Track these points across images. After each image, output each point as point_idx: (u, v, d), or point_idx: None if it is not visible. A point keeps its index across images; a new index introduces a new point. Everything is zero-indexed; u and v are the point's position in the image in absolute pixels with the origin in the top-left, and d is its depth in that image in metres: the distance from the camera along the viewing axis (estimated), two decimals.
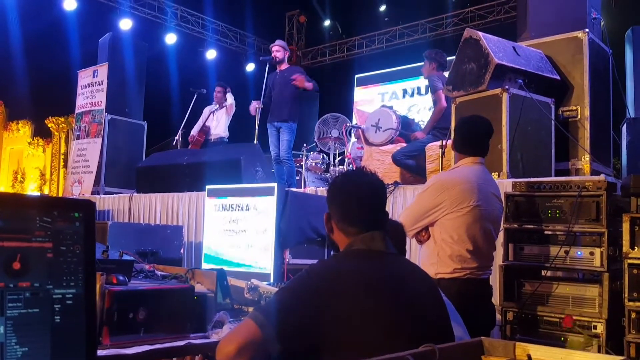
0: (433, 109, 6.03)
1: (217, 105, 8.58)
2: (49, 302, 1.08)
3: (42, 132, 12.74)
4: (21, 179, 12.74)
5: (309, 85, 7.10)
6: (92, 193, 8.03)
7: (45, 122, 12.38)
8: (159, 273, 2.66)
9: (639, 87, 5.79)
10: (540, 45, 5.00)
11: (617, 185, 3.37)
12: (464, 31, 4.87)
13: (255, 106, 7.44)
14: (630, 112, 5.52)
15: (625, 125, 5.26)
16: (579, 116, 4.77)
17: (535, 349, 1.30)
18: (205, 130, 8.47)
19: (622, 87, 5.35)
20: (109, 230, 4.93)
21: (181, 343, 1.95)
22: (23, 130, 12.97)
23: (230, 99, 8.55)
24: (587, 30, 4.79)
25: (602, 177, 3.47)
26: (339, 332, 1.58)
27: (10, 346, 1.00)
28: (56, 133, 12.41)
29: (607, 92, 5.16)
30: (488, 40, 4.57)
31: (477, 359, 1.33)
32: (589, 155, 4.65)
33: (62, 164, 12.07)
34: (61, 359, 1.07)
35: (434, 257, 2.94)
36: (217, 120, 8.55)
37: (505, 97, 4.40)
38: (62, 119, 12.14)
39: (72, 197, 5.12)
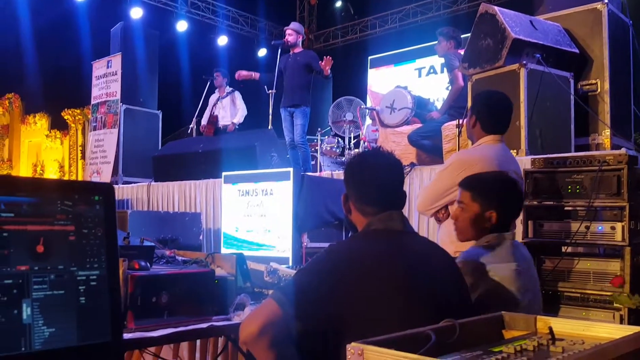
0: (450, 88, 5.95)
1: (219, 93, 8.54)
2: (73, 283, 1.10)
3: (59, 125, 12.83)
4: (40, 172, 12.89)
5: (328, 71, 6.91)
6: (111, 183, 8.10)
7: (62, 114, 12.46)
8: (179, 258, 2.68)
9: None
10: (558, 18, 4.90)
11: (638, 158, 3.31)
12: (479, 7, 4.79)
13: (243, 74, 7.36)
14: None
15: None
16: (599, 90, 4.69)
17: (556, 322, 1.29)
18: (212, 120, 8.42)
19: None
20: (129, 219, 5.00)
21: (204, 325, 1.97)
22: (40, 123, 13.08)
23: (240, 107, 8.51)
24: (606, 1, 4.68)
25: (623, 150, 3.42)
26: (358, 311, 1.58)
27: (38, 327, 1.02)
28: (73, 125, 12.50)
29: (628, 64, 5.05)
30: (504, 15, 4.49)
31: (497, 333, 1.32)
32: (609, 130, 4.57)
33: (80, 155, 12.18)
34: (88, 339, 1.09)
35: (454, 236, 2.92)
36: (224, 109, 8.50)
37: (522, 73, 4.33)
38: (78, 111, 12.22)
39: None
